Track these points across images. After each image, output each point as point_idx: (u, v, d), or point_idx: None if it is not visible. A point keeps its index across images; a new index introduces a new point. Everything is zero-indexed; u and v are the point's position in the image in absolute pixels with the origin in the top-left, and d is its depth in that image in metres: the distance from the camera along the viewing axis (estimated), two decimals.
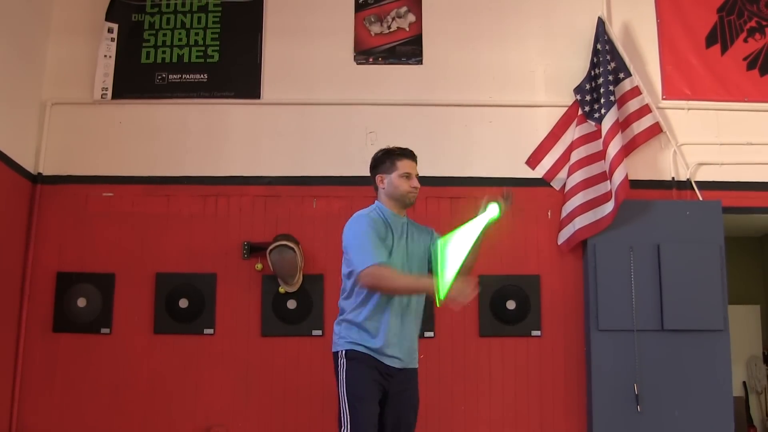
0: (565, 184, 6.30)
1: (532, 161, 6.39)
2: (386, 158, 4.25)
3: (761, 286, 9.35)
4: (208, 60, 6.55)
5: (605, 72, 6.23)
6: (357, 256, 3.95)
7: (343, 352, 3.98)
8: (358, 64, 6.58)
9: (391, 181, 4.21)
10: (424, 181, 6.17)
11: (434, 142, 6.40)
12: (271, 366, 6.08)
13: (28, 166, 6.26)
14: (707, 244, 6.03)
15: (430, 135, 6.43)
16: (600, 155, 6.17)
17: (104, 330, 6.11)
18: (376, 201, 4.25)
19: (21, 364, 6.04)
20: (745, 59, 6.53)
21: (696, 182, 6.32)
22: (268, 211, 6.30)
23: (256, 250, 6.15)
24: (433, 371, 5.99)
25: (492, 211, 4.03)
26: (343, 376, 3.96)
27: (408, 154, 4.26)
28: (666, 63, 6.54)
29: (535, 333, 6.14)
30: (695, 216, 6.10)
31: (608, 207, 6.00)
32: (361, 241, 3.98)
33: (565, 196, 6.25)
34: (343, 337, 4.02)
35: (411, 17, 6.61)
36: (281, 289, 6.10)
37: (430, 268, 4.20)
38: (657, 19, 6.60)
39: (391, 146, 4.31)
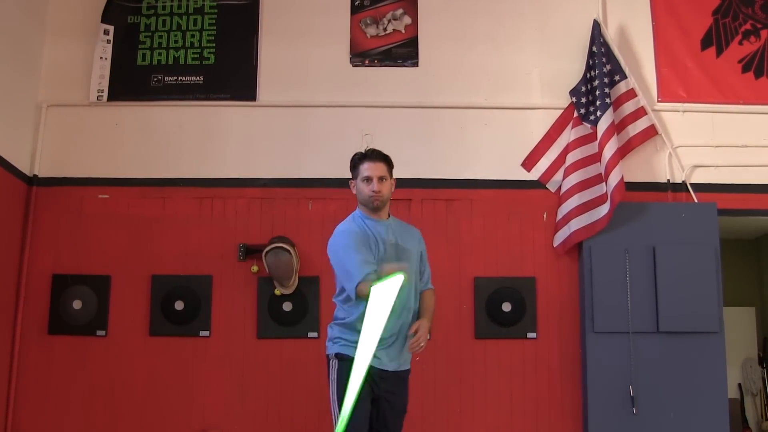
0: (560, 186, 6.30)
1: (528, 163, 6.40)
2: (354, 162, 4.27)
3: (756, 288, 9.37)
4: (203, 62, 6.55)
5: (601, 74, 6.24)
6: (345, 276, 4.04)
7: None
8: (353, 66, 6.59)
9: (357, 186, 4.24)
10: (420, 183, 6.26)
11: (430, 144, 6.41)
12: (267, 368, 6.07)
13: (24, 168, 6.25)
14: (702, 246, 6.04)
15: (425, 137, 6.44)
16: (595, 157, 6.18)
17: (100, 332, 6.10)
18: (357, 207, 4.29)
19: (16, 366, 6.02)
20: (740, 62, 6.55)
21: (691, 184, 6.33)
22: (263, 213, 6.30)
23: (251, 252, 6.15)
24: (429, 373, 5.99)
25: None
26: None
27: (369, 156, 4.23)
28: (661, 65, 6.55)
29: (530, 335, 6.15)
30: (690, 218, 6.11)
31: (604, 209, 6.01)
32: (345, 260, 4.05)
33: (561, 198, 6.25)
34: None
35: (407, 19, 6.62)
36: (277, 292, 6.10)
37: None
38: (652, 22, 6.62)
39: (365, 150, 4.32)
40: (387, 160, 4.27)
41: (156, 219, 6.28)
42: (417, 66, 6.58)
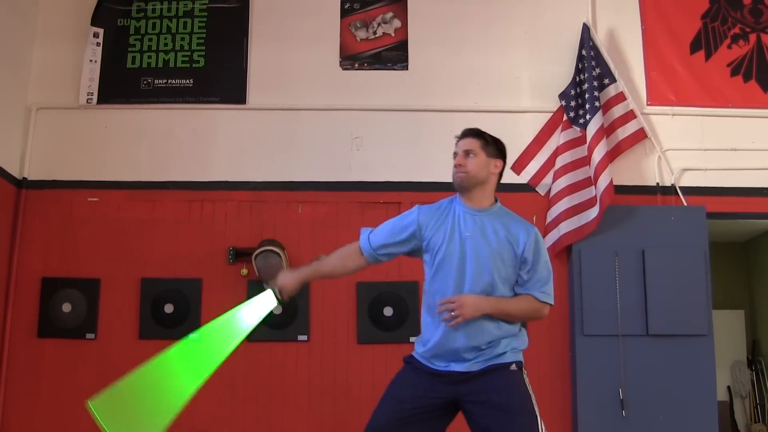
0: (550, 189, 6.31)
1: (518, 167, 6.40)
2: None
3: (745, 291, 9.40)
4: (193, 65, 6.54)
5: (590, 78, 6.25)
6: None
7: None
8: (343, 69, 6.59)
9: None
10: (409, 186, 6.27)
11: (420, 147, 6.41)
12: (257, 371, 6.06)
13: (13, 170, 6.23)
14: (692, 249, 6.06)
15: (415, 140, 6.44)
16: (585, 161, 6.20)
17: (89, 335, 6.09)
18: None
19: (5, 369, 6.00)
20: (729, 65, 6.57)
21: (680, 188, 6.35)
22: (253, 216, 6.30)
23: (241, 255, 6.14)
24: None
25: (269, 300, 3.72)
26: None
27: (462, 134, 3.84)
28: (651, 69, 6.57)
29: None
30: (680, 221, 6.13)
31: (593, 212, 6.02)
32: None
33: (550, 201, 6.27)
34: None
35: (397, 23, 6.62)
36: None
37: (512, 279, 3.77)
38: (642, 26, 6.64)
39: None
40: (479, 135, 3.80)
41: (145, 222, 6.27)
42: (407, 69, 6.58)
